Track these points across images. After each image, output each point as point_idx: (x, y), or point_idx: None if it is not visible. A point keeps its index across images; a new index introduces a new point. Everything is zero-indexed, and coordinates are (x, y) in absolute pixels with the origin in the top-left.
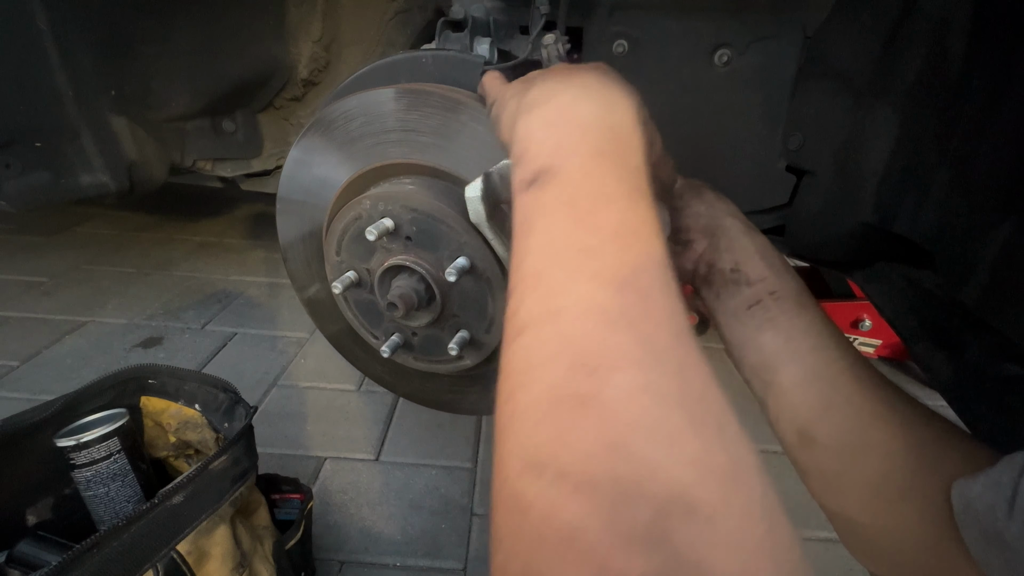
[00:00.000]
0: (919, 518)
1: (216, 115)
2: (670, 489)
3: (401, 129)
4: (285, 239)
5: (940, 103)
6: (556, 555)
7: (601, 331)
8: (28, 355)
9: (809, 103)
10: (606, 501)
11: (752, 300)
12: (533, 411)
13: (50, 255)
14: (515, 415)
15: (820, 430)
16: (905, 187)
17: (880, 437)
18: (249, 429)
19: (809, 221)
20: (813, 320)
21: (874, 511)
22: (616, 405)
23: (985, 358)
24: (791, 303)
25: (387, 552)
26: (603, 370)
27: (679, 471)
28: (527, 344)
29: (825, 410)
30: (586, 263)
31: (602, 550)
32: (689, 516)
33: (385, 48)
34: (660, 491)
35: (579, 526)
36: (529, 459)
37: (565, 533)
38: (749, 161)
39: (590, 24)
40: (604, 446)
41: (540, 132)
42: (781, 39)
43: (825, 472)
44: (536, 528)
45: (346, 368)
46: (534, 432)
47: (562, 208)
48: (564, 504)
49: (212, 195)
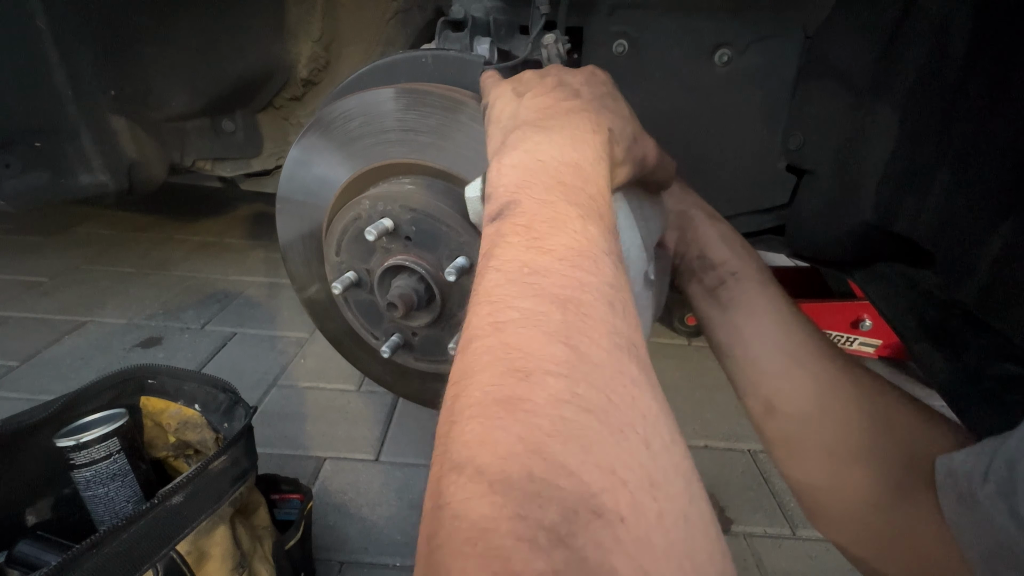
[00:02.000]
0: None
1: (216, 115)
2: (579, 492)
3: (400, 129)
4: (285, 239)
5: (940, 103)
6: (460, 554)
7: (539, 341)
8: (28, 355)
9: (809, 103)
10: (516, 500)
11: (716, 282)
12: (464, 414)
13: (50, 255)
14: (449, 420)
15: (780, 399)
16: (905, 187)
17: (836, 404)
18: (249, 429)
19: (809, 221)
20: (773, 298)
21: (829, 474)
22: (542, 410)
23: (984, 358)
24: (753, 283)
25: (387, 552)
26: (536, 376)
27: (591, 477)
28: (470, 354)
29: (785, 380)
30: (534, 282)
31: (504, 551)
32: (595, 519)
33: (385, 48)
34: (570, 494)
35: (487, 526)
36: (453, 460)
37: (472, 532)
38: (749, 161)
39: (590, 24)
40: (524, 447)
41: (507, 172)
42: (781, 39)
43: (787, 439)
44: (447, 527)
45: (346, 368)
46: (461, 434)
47: (518, 233)
48: (476, 503)
49: (212, 195)
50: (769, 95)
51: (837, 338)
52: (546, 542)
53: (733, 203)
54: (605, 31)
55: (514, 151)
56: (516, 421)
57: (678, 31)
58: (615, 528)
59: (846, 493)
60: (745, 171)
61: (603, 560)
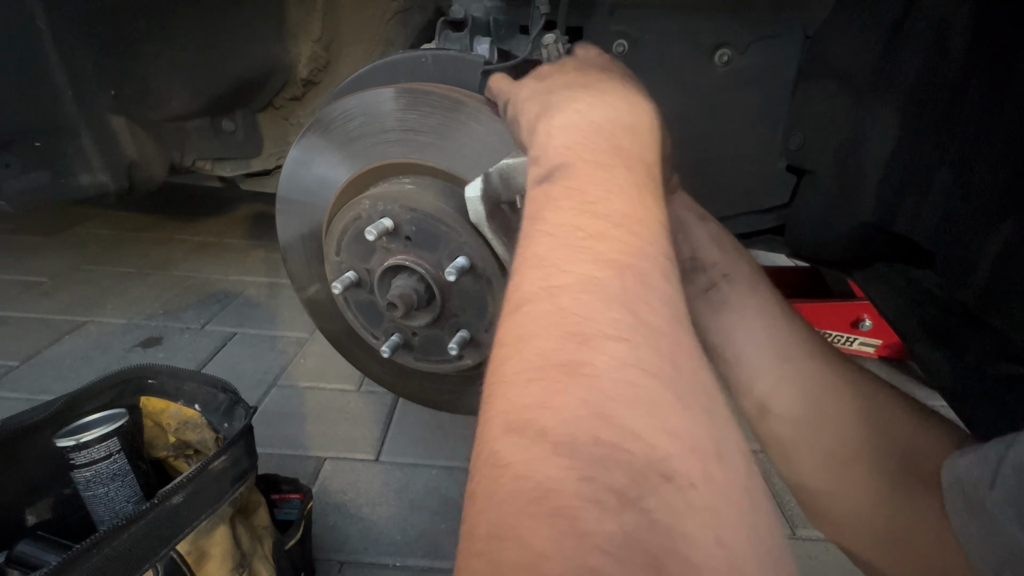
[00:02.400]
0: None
1: (216, 115)
2: (648, 456)
3: (400, 129)
4: (285, 239)
5: (940, 103)
6: (528, 512)
7: (598, 306)
8: (28, 355)
9: (809, 103)
10: (582, 462)
11: (708, 284)
12: (521, 376)
13: (50, 255)
14: (502, 382)
15: (775, 401)
16: (905, 187)
17: (831, 405)
18: (249, 429)
19: (809, 221)
20: (766, 299)
21: (828, 476)
22: (604, 374)
23: (985, 358)
24: (744, 284)
25: (387, 552)
26: (596, 340)
27: (659, 441)
28: (522, 317)
29: (778, 382)
30: (589, 246)
31: (574, 509)
32: (665, 483)
33: (385, 48)
34: (638, 458)
35: (552, 487)
36: (512, 421)
37: (537, 492)
38: (749, 161)
39: (590, 24)
40: (588, 411)
41: (558, 134)
42: (781, 39)
43: (782, 441)
44: (509, 487)
45: (346, 368)
46: (519, 396)
47: (571, 196)
48: (540, 464)
49: (212, 195)
50: (769, 95)
51: (837, 338)
52: (615, 504)
53: (733, 203)
54: (605, 31)
55: (563, 111)
56: (578, 385)
57: (678, 31)
58: (686, 493)
59: (845, 494)
60: (745, 171)
61: (675, 524)
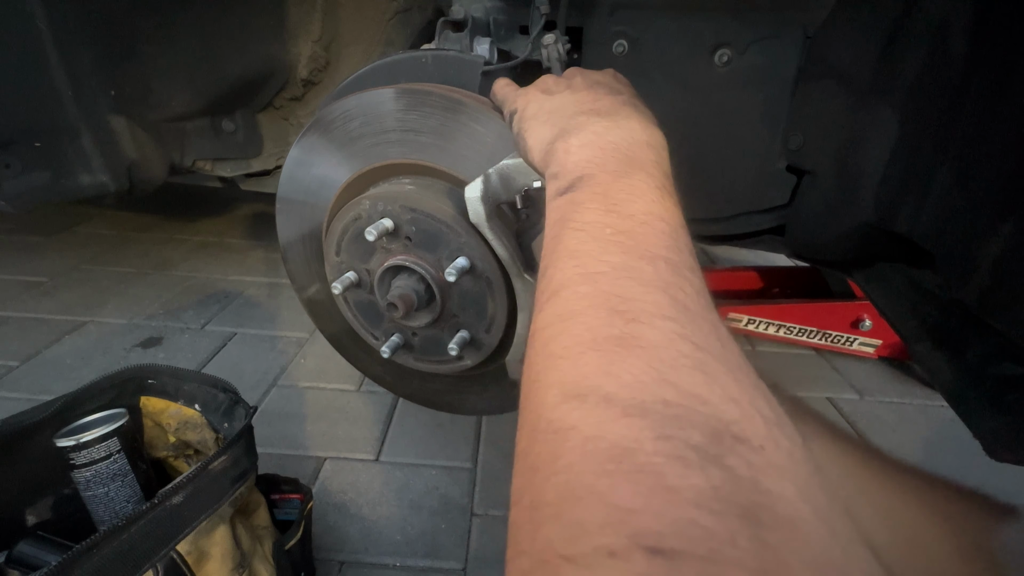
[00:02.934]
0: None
1: (216, 115)
2: (719, 419)
3: (400, 129)
4: (285, 239)
5: (940, 103)
6: (605, 471)
7: (638, 289)
8: (28, 355)
9: (809, 103)
10: (656, 422)
11: None
12: (572, 350)
13: (50, 255)
14: (552, 356)
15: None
16: (905, 187)
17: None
18: (249, 429)
19: (809, 221)
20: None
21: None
22: (659, 345)
23: (985, 358)
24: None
25: (387, 552)
26: (644, 316)
27: (725, 406)
28: (562, 300)
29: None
30: (620, 241)
31: (656, 465)
32: (740, 444)
33: (385, 48)
34: (709, 419)
35: (629, 445)
36: (569, 390)
37: (615, 451)
38: (749, 161)
39: (590, 24)
40: (651, 378)
41: (576, 151)
42: (781, 39)
43: None
44: (579, 448)
45: (346, 368)
46: (574, 367)
47: (596, 200)
48: (611, 425)
49: (212, 195)
50: (769, 95)
51: (837, 338)
52: (697, 459)
53: (733, 203)
54: (605, 31)
55: (580, 132)
56: (635, 355)
57: (678, 31)
58: (759, 454)
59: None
60: (745, 171)
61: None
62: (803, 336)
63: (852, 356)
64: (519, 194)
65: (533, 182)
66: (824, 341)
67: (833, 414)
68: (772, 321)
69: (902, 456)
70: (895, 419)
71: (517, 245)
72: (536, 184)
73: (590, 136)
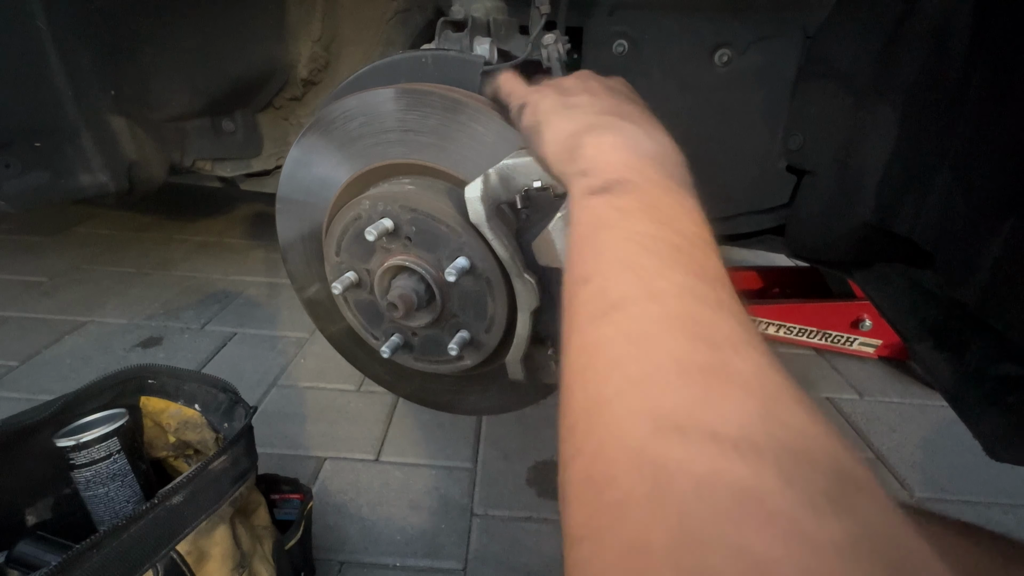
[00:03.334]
0: None
1: (216, 115)
2: (838, 461)
3: (401, 129)
4: (285, 239)
5: (940, 103)
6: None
7: (708, 313)
8: (28, 355)
9: (809, 103)
10: (776, 464)
11: None
12: (659, 377)
13: (50, 255)
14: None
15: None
16: (905, 187)
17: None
18: (249, 429)
19: (809, 221)
20: None
21: None
22: (752, 377)
23: (985, 358)
24: None
25: (387, 552)
26: (726, 345)
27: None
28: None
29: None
30: (677, 257)
31: (789, 511)
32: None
33: (385, 48)
34: (829, 461)
35: (754, 487)
36: (664, 422)
37: (738, 494)
38: (749, 161)
39: (590, 24)
40: (754, 412)
41: (610, 151)
42: (781, 39)
43: None
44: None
45: (346, 368)
46: (664, 396)
47: (644, 211)
48: (728, 465)
49: (212, 195)
50: (769, 95)
51: (837, 338)
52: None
53: (733, 203)
54: (605, 31)
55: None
56: (734, 386)
57: (678, 31)
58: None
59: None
60: (745, 171)
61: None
62: (803, 336)
63: (852, 356)
64: (519, 194)
65: (533, 182)
66: (824, 341)
67: (833, 414)
68: (772, 321)
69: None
70: (895, 419)
71: (517, 245)
72: (536, 184)
73: (625, 139)
